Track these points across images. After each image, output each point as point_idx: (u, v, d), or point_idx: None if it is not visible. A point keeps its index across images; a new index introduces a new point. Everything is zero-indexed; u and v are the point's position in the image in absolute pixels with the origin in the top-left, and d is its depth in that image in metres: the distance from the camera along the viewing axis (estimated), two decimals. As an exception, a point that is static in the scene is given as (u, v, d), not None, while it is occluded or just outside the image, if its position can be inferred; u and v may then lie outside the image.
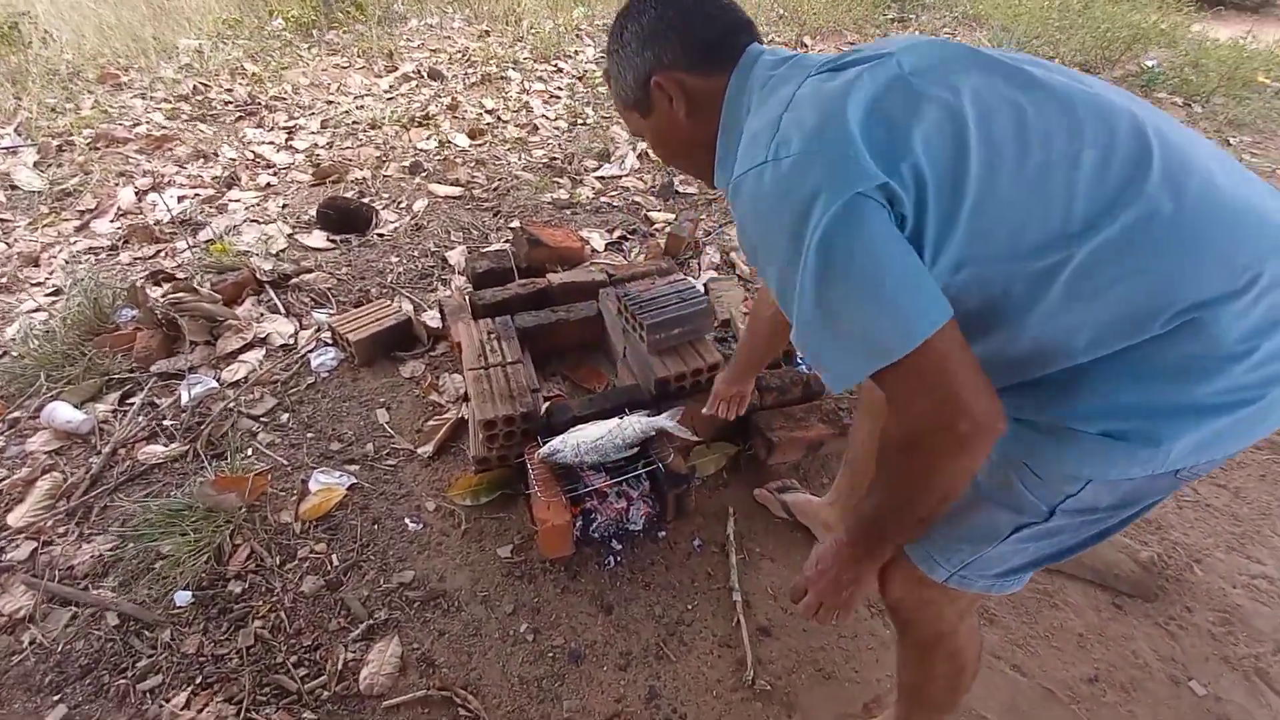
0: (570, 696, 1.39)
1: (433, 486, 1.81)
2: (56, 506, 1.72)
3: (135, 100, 4.08)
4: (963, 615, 1.04)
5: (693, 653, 1.47)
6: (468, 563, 1.63)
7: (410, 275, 2.65)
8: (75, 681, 1.39)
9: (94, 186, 3.17)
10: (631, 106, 0.99)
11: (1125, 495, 0.80)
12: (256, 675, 1.40)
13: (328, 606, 1.53)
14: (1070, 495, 0.79)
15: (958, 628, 1.05)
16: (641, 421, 1.67)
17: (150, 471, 1.82)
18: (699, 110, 0.94)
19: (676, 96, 0.93)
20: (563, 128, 3.99)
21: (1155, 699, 1.43)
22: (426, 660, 1.44)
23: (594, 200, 3.21)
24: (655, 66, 0.92)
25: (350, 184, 3.29)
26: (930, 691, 1.16)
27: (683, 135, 0.97)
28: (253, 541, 1.63)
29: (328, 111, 4.06)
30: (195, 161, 3.46)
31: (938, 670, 1.11)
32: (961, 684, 1.14)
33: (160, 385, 2.09)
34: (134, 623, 1.48)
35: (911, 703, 1.21)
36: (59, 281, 2.54)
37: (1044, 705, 1.40)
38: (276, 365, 2.17)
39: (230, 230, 2.83)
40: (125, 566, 1.58)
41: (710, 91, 0.92)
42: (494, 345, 1.93)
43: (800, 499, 1.72)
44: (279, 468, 1.84)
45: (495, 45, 5.23)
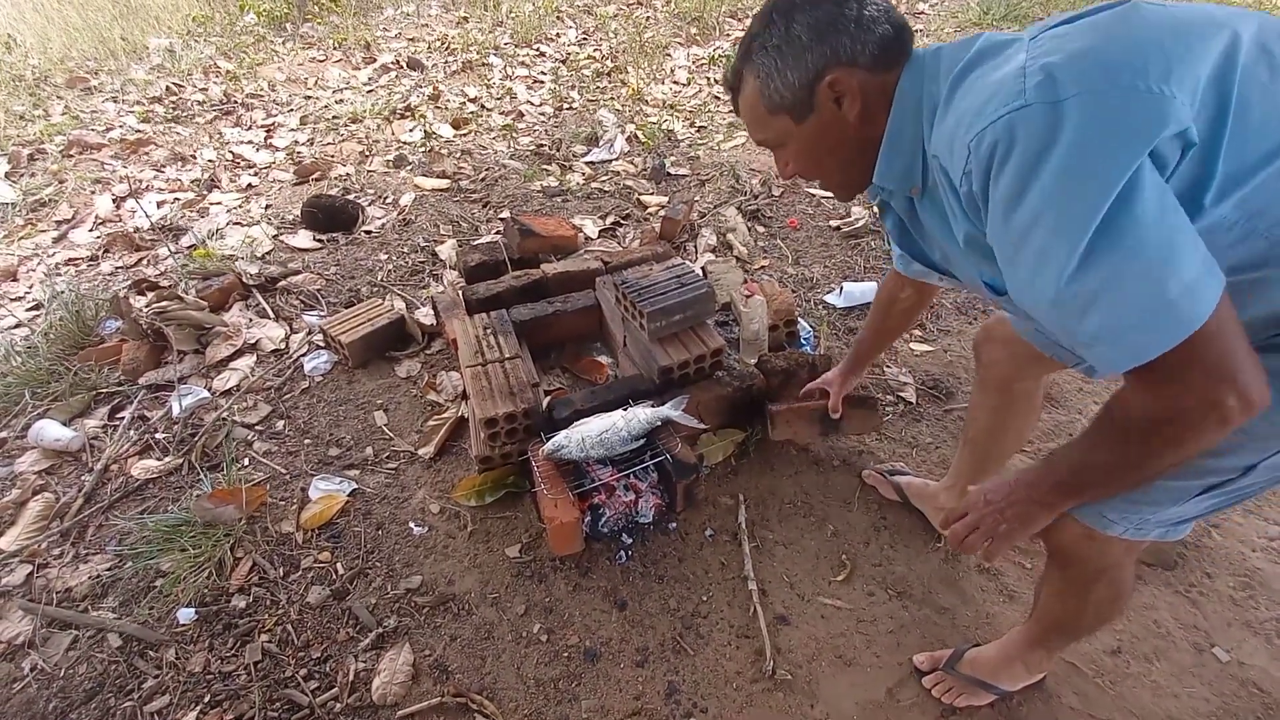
0: (588, 696, 1.36)
1: (436, 488, 1.77)
2: (50, 527, 1.67)
3: (107, 104, 3.98)
4: (1130, 550, 1.01)
5: (710, 645, 1.44)
6: (476, 564, 1.59)
7: (401, 272, 2.59)
8: (80, 707, 1.35)
9: (69, 195, 3.09)
10: (783, 110, 0.91)
11: None
12: (266, 691, 1.36)
13: (335, 617, 1.49)
14: (1276, 452, 0.78)
15: (1124, 561, 1.04)
16: (647, 412, 1.63)
17: (145, 487, 1.77)
18: (868, 113, 0.87)
19: (852, 96, 0.86)
20: (548, 113, 3.92)
21: (1179, 667, 1.41)
22: (439, 667, 1.41)
23: (584, 186, 3.14)
24: (830, 62, 0.85)
25: (334, 181, 3.22)
26: (1080, 619, 1.15)
27: (846, 139, 0.90)
28: (254, 554, 1.59)
29: (306, 107, 3.97)
30: (173, 165, 3.38)
31: (1096, 597, 1.09)
32: (1116, 610, 1.13)
33: (150, 397, 2.03)
34: (137, 643, 1.44)
35: (1052, 627, 1.20)
36: (39, 295, 2.47)
37: (1068, 679, 1.38)
38: (269, 371, 2.12)
39: (213, 234, 2.76)
40: (125, 586, 1.54)
41: (884, 90, 0.86)
42: (491, 340, 1.88)
43: (916, 482, 1.69)
44: (277, 477, 1.79)
45: (475, 31, 5.12)
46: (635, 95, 4.00)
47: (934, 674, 1.37)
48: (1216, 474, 0.82)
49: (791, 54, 0.86)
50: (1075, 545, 1.01)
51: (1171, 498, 0.87)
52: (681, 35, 5.10)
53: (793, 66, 0.87)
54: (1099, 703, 1.34)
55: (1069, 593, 1.12)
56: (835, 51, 0.85)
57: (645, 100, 4.01)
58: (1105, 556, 1.01)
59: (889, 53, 0.86)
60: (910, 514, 1.68)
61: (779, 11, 0.87)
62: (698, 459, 1.68)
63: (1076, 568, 1.06)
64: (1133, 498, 0.89)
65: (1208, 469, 0.82)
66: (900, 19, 0.87)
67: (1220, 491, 0.84)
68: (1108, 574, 1.06)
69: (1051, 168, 0.65)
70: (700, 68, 4.57)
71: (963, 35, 0.86)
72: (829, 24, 0.84)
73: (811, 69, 0.86)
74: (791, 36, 0.86)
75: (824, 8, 0.85)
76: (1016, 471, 0.89)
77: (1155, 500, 0.88)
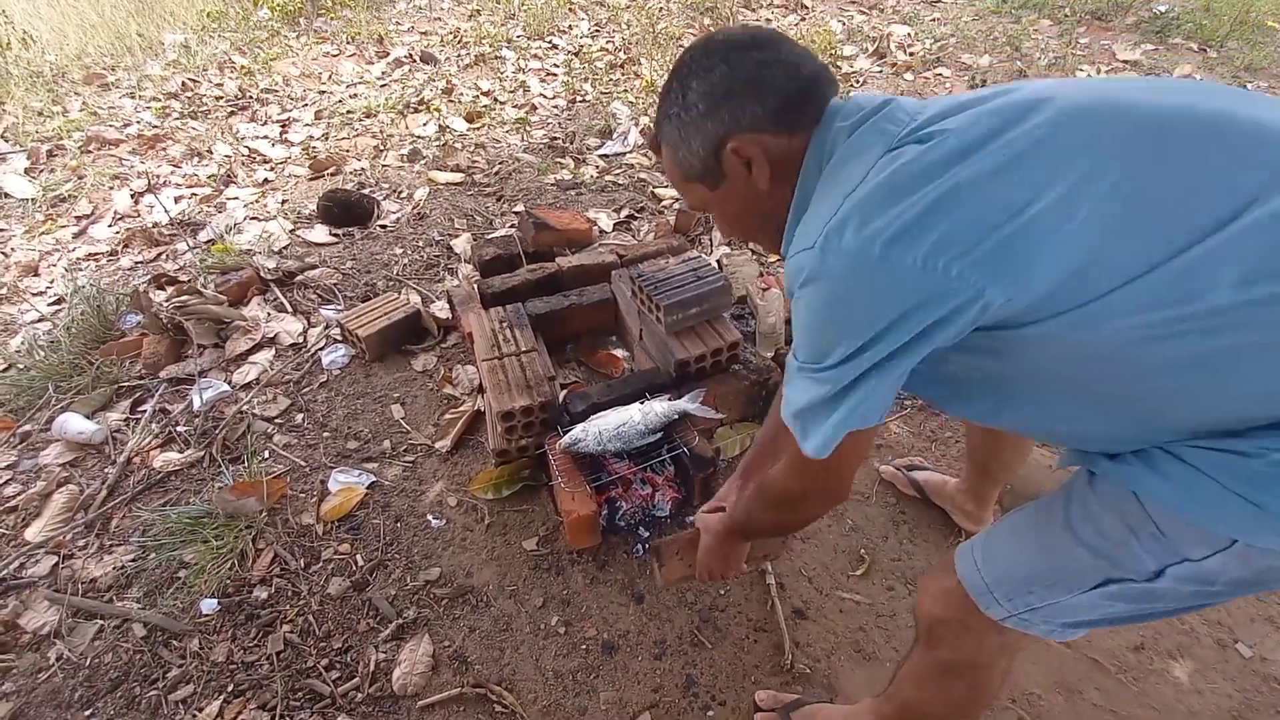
0: (606, 688, 1.37)
1: (453, 481, 1.78)
2: (75, 519, 1.70)
3: (124, 100, 4.01)
4: (1006, 650, 0.92)
5: (728, 639, 1.44)
6: (494, 557, 1.60)
7: (416, 266, 2.60)
8: (106, 695, 1.38)
9: (88, 191, 3.12)
10: (696, 178, 0.88)
11: (1259, 571, 0.68)
12: (288, 681, 1.38)
13: (355, 608, 1.51)
14: (1191, 560, 0.69)
15: (995, 662, 0.94)
16: (664, 405, 1.63)
17: (167, 479, 1.79)
18: (780, 176, 0.83)
19: (758, 162, 0.82)
20: (561, 106, 3.90)
21: (1203, 663, 1.39)
22: (459, 658, 1.42)
23: (598, 180, 3.13)
24: (732, 129, 0.81)
25: (349, 175, 3.23)
26: (930, 710, 1.04)
27: (761, 206, 0.87)
28: (276, 545, 1.61)
29: (321, 102, 3.98)
30: (190, 160, 3.40)
31: (951, 695, 0.99)
32: (971, 713, 1.03)
33: (171, 391, 2.05)
34: (161, 633, 1.46)
35: (901, 711, 1.08)
36: (60, 290, 2.50)
37: (1091, 676, 1.37)
38: (287, 365, 2.13)
39: (231, 229, 2.78)
40: (148, 577, 1.56)
41: (793, 153, 0.82)
42: (507, 334, 1.88)
43: (934, 478, 1.66)
44: (297, 469, 1.81)
45: (487, 24, 5.11)
46: (649, 87, 3.98)
47: (768, 714, 1.28)
48: (1117, 566, 0.74)
49: (692, 123, 0.83)
50: (947, 627, 0.92)
51: (1067, 581, 0.78)
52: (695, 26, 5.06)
53: (695, 135, 0.84)
54: (1121, 699, 1.33)
55: (927, 678, 1.00)
56: (735, 117, 0.80)
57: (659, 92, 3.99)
58: (978, 651, 0.91)
59: (794, 114, 0.81)
60: (929, 509, 1.67)
61: (678, 79, 0.84)
62: (715, 452, 1.67)
63: (942, 652, 0.95)
64: (1016, 573, 0.82)
65: (1111, 556, 0.74)
66: (810, 74, 0.81)
67: (1123, 593, 0.75)
68: (975, 673, 0.96)
69: (805, 306, 0.74)
70: (713, 59, 4.53)
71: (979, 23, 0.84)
72: (725, 89, 0.80)
73: (713, 137, 0.82)
74: (689, 105, 0.83)
75: (718, 72, 0.80)
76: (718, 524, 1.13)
77: (1043, 580, 0.80)
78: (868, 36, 4.68)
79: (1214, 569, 0.69)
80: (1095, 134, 0.66)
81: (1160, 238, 0.62)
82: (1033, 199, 0.63)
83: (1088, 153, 0.64)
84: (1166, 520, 0.69)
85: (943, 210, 0.65)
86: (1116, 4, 5.03)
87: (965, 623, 0.89)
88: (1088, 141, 0.65)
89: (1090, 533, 0.76)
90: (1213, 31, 4.62)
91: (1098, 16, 4.97)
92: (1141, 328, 0.63)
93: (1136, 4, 5.04)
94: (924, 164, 0.67)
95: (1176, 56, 4.32)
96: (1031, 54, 4.37)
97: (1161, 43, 4.56)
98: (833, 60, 4.40)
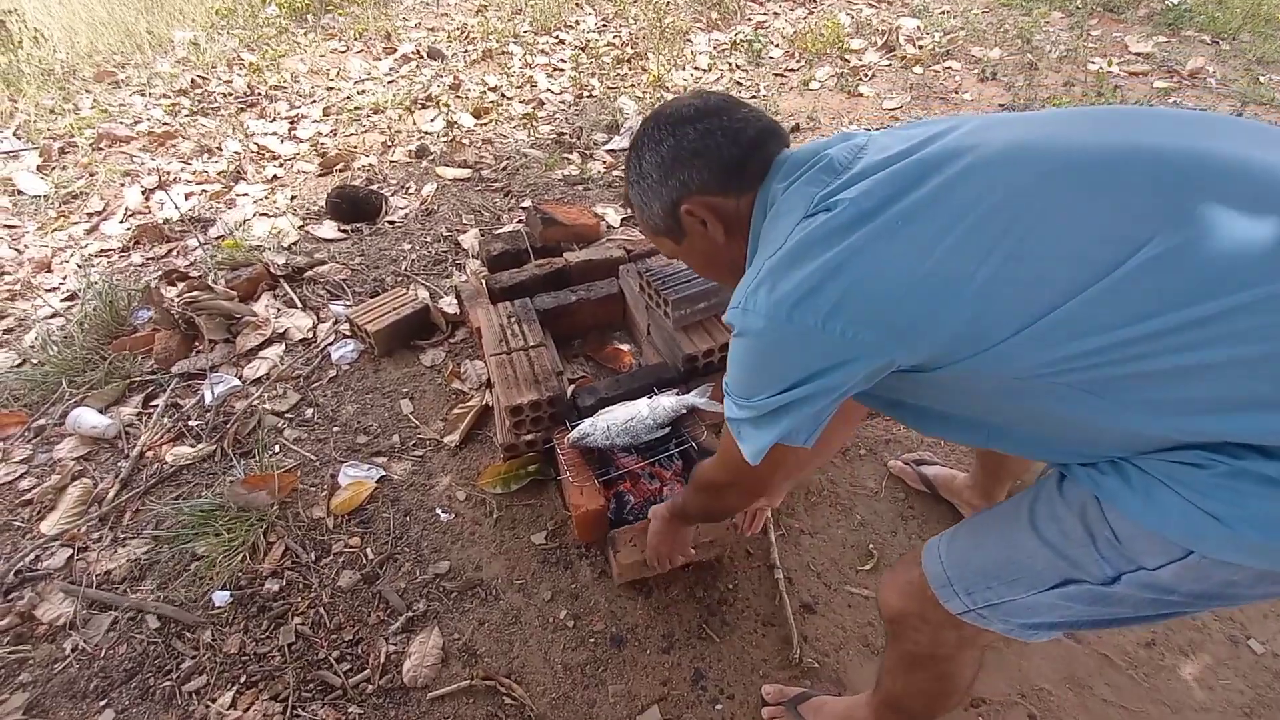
0: (615, 681, 1.37)
1: (462, 475, 1.79)
2: (89, 512, 1.72)
3: (134, 97, 4.04)
4: (966, 644, 0.93)
5: (736, 632, 1.44)
6: (502, 551, 1.61)
7: (424, 261, 2.61)
8: (120, 686, 1.39)
9: (100, 188, 3.14)
10: (662, 234, 0.98)
11: (1216, 586, 0.68)
12: (300, 672, 1.39)
13: (366, 600, 1.52)
14: (1146, 569, 0.69)
15: (956, 655, 0.95)
16: (672, 400, 1.63)
17: (179, 473, 1.81)
18: (735, 230, 0.92)
19: (711, 221, 0.91)
20: (569, 101, 3.90)
21: (1215, 659, 1.39)
22: (468, 650, 1.43)
23: (606, 175, 3.13)
24: (683, 194, 0.90)
25: (357, 171, 3.24)
26: (906, 700, 1.06)
27: (722, 256, 0.95)
28: (286, 539, 1.62)
29: (329, 98, 3.99)
30: (200, 157, 3.42)
31: (920, 686, 1.02)
32: (945, 704, 1.03)
33: (182, 385, 2.07)
34: (175, 625, 1.48)
35: (887, 702, 1.10)
36: (73, 286, 2.52)
37: (1101, 671, 1.36)
38: (297, 360, 2.15)
39: (240, 225, 2.79)
40: (161, 569, 1.58)
41: (742, 210, 0.90)
42: (515, 329, 1.89)
43: (944, 473, 1.66)
44: (307, 463, 1.82)
45: (494, 19, 5.10)
46: (656, 82, 3.97)
47: (774, 708, 1.30)
48: (1076, 567, 0.74)
49: (649, 188, 0.93)
50: (906, 619, 0.94)
51: (1027, 578, 0.79)
52: (702, 20, 5.04)
53: (653, 199, 0.93)
54: (1132, 694, 1.32)
55: (896, 669, 1.04)
56: (684, 183, 0.89)
57: (666, 87, 3.98)
58: (935, 644, 0.93)
59: (737, 177, 0.89)
60: (938, 504, 1.67)
61: (634, 150, 0.94)
62: (722, 447, 1.67)
63: (905, 643, 0.97)
64: (975, 565, 0.84)
65: (1070, 556, 0.75)
66: (752, 137, 0.88)
67: (1081, 595, 0.75)
68: (937, 665, 0.97)
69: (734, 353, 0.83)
70: (722, 53, 4.52)
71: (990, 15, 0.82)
72: (672, 159, 0.89)
73: (668, 200, 0.92)
74: (645, 174, 0.92)
75: (666, 144, 0.89)
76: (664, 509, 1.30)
77: (1002, 575, 0.81)
78: (876, 30, 4.65)
79: (1169, 579, 0.68)
80: (992, 187, 0.69)
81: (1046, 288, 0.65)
82: (920, 261, 0.68)
83: (978, 208, 0.68)
84: (1125, 527, 0.70)
85: (839, 276, 0.71)
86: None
87: (924, 615, 0.91)
88: (982, 195, 0.69)
89: (1054, 532, 0.76)
90: (1225, 24, 4.56)
91: (1109, 9, 4.92)
92: (1043, 366, 0.67)
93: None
94: (825, 231, 0.73)
95: (1189, 49, 4.27)
96: (1043, 47, 4.33)
97: (1174, 35, 4.51)
98: (841, 54, 4.38)
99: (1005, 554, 0.81)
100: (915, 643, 0.95)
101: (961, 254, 0.68)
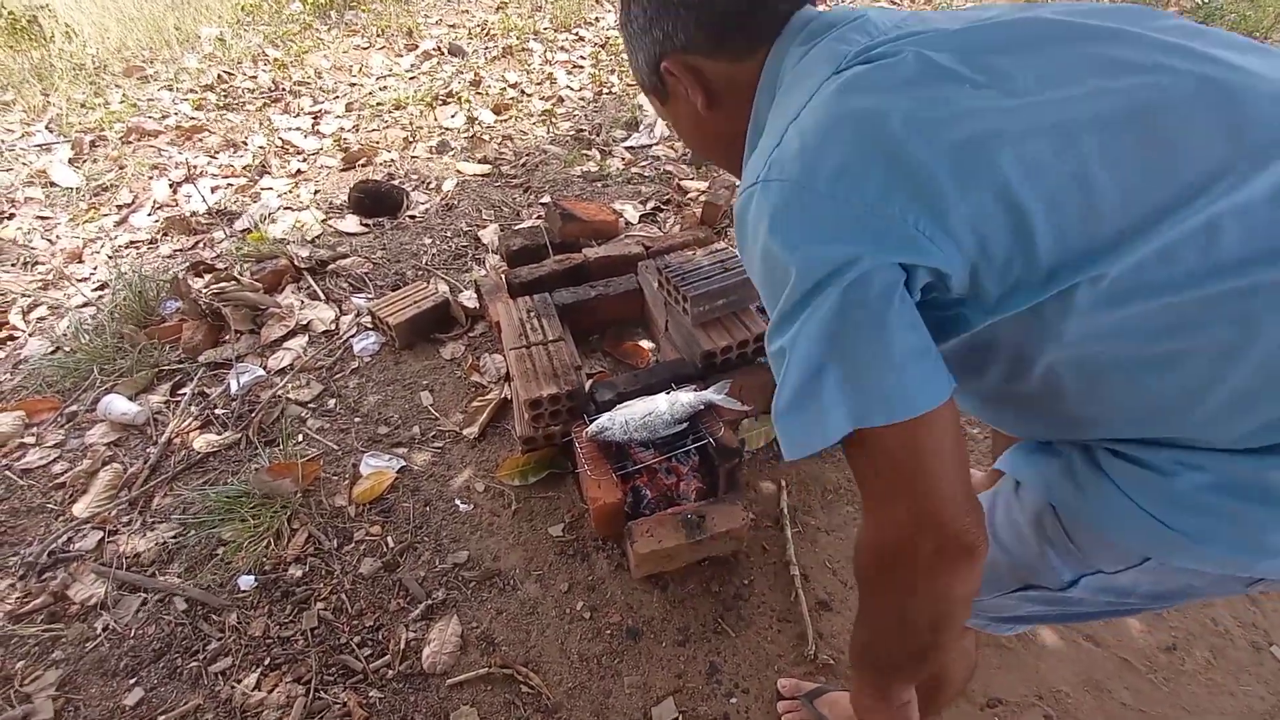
0: (630, 673, 1.39)
1: (480, 467, 1.81)
2: (119, 496, 1.76)
3: (162, 92, 4.11)
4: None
5: (751, 627, 1.45)
6: (520, 542, 1.63)
7: (444, 256, 2.64)
8: (149, 665, 1.43)
9: (129, 181, 3.21)
10: (650, 91, 0.84)
11: (1175, 588, 0.67)
12: (322, 656, 1.42)
13: (386, 588, 1.54)
14: (1105, 573, 0.68)
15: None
16: (690, 396, 1.64)
17: (206, 460, 1.85)
18: (724, 101, 0.76)
19: (691, 86, 0.76)
20: (588, 98, 3.91)
21: (1237, 666, 1.37)
22: (486, 639, 1.45)
23: (624, 172, 3.14)
24: (666, 48, 0.75)
25: (379, 167, 3.28)
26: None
27: (706, 129, 0.82)
28: (310, 526, 1.65)
29: (351, 94, 4.04)
30: (226, 151, 3.47)
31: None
32: (939, 699, 1.02)
33: (209, 375, 2.11)
34: (201, 607, 1.51)
35: None
36: (104, 276, 2.58)
37: (1120, 675, 1.35)
38: (320, 351, 2.18)
39: (265, 218, 2.84)
40: (189, 553, 1.62)
41: (738, 78, 0.74)
42: (534, 323, 1.90)
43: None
44: (329, 453, 1.85)
45: (514, 16, 5.13)
46: (675, 80, 3.97)
47: (790, 702, 1.29)
48: (1034, 573, 0.73)
49: (634, 38, 0.79)
50: None
51: (990, 583, 0.77)
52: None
53: (638, 50, 0.79)
54: (1152, 699, 1.32)
55: None
56: (667, 35, 0.74)
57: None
58: None
59: (735, 33, 0.72)
60: None
61: None
62: (740, 443, 1.68)
63: None
64: None
65: (1025, 564, 0.74)
66: None
67: (1041, 598, 0.75)
68: None
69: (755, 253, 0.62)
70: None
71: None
72: (659, 5, 0.73)
73: (650, 54, 0.77)
74: (631, 18, 0.78)
75: None
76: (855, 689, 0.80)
77: None
78: None
79: (1128, 583, 0.68)
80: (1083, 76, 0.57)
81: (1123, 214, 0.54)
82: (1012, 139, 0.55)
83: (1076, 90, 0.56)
84: (1080, 532, 0.68)
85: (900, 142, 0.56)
86: (1157, -7, 4.90)
87: None
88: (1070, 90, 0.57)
89: (1010, 538, 0.76)
90: (1257, 23, 4.48)
91: None
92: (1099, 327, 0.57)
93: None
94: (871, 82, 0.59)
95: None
96: (1067, 46, 4.27)
97: (1204, 34, 4.43)
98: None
99: None
100: None
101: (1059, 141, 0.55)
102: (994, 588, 0.79)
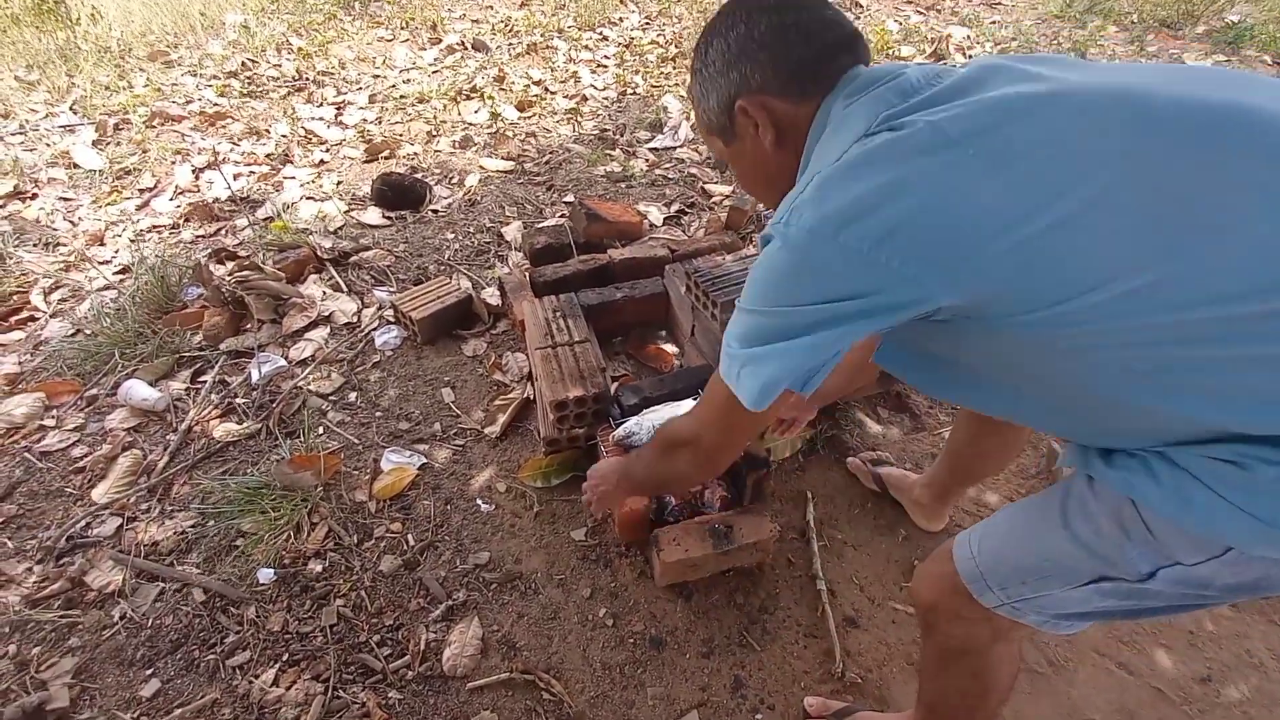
0: (654, 683, 1.36)
1: (502, 467, 1.79)
2: (138, 483, 1.75)
3: (186, 78, 4.11)
4: (999, 637, 0.92)
5: (777, 642, 1.43)
6: (542, 545, 1.61)
7: (467, 252, 2.62)
8: (166, 656, 1.41)
9: (152, 165, 3.20)
10: (715, 132, 0.93)
11: (1253, 579, 0.68)
12: (341, 654, 1.40)
13: (406, 586, 1.53)
14: (1183, 565, 0.69)
15: (990, 649, 0.94)
16: (719, 403, 1.61)
17: (225, 449, 1.83)
18: (787, 140, 0.86)
19: (763, 123, 0.85)
20: (612, 98, 3.90)
21: (1272, 699, 1.34)
22: (507, 642, 1.43)
23: (648, 173, 3.12)
24: (741, 90, 0.85)
25: (402, 159, 3.26)
26: (947, 702, 1.05)
27: (770, 167, 0.90)
28: (330, 520, 1.63)
29: (375, 86, 4.03)
30: (249, 138, 3.47)
31: (956, 684, 1.00)
32: (985, 706, 1.01)
33: (230, 363, 2.10)
34: (220, 599, 1.50)
35: (931, 712, 1.09)
36: (125, 259, 2.57)
37: (1154, 705, 1.33)
38: (341, 344, 2.17)
39: (288, 208, 2.82)
40: (208, 543, 1.60)
41: (800, 119, 0.84)
42: (560, 324, 1.88)
43: (895, 473, 1.66)
44: (350, 446, 1.84)
45: (538, 14, 5.12)
46: (700, 82, 3.95)
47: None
48: (1111, 565, 0.74)
49: (710, 80, 0.88)
50: (939, 613, 0.94)
51: (1061, 575, 0.79)
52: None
53: (712, 92, 0.88)
54: (1186, 731, 1.29)
55: (934, 669, 1.03)
56: (745, 78, 0.84)
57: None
58: (968, 638, 0.93)
59: (803, 80, 0.83)
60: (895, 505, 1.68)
61: (705, 35, 0.89)
62: (766, 453, 1.66)
63: (938, 636, 0.97)
64: (1009, 561, 0.83)
65: (1105, 555, 0.74)
66: (832, 41, 0.82)
67: (1115, 590, 0.75)
68: (971, 659, 0.96)
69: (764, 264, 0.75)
70: (765, 56, 4.48)
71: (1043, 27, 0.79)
72: (739, 50, 0.83)
73: (725, 95, 0.86)
74: (709, 61, 0.87)
75: (736, 32, 0.84)
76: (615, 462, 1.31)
77: (1036, 571, 0.80)
78: (925, 38, 4.59)
79: (1207, 574, 0.68)
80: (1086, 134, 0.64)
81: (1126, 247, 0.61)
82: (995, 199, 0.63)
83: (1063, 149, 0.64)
84: (1160, 525, 0.69)
85: (899, 200, 0.65)
86: (1187, 12, 4.86)
87: (956, 609, 0.91)
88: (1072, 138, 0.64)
89: (1087, 531, 0.75)
90: (1289, 43, 4.43)
91: (1167, 25, 4.80)
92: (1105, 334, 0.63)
93: (1208, 13, 4.86)
94: (890, 150, 0.68)
95: (1248, 70, 4.15)
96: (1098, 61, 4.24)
97: (1233, 54, 4.39)
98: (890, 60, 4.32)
99: (1039, 552, 0.80)
100: (948, 635, 0.95)
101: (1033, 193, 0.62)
102: (1066, 580, 0.78)
